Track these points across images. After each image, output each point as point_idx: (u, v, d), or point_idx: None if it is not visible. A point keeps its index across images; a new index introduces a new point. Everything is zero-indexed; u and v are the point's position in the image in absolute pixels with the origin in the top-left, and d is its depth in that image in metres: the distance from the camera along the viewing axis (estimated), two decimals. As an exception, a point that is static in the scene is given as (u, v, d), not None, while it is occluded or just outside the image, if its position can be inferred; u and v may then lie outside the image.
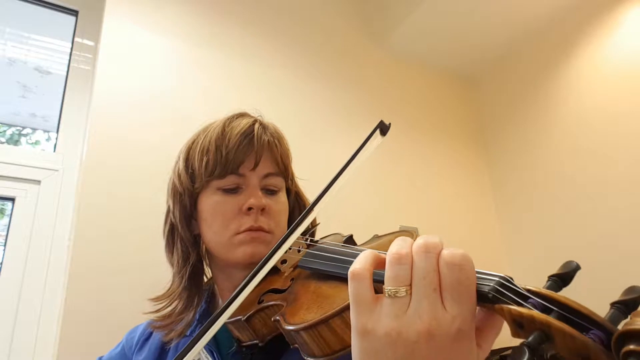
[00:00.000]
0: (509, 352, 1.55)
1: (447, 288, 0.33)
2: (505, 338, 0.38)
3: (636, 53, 1.72)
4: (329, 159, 1.71)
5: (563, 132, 1.94)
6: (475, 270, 0.35)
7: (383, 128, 0.60)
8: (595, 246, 1.75)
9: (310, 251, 0.60)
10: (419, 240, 0.36)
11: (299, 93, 1.78)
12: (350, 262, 0.48)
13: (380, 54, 2.12)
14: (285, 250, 0.52)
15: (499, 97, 2.29)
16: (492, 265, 2.07)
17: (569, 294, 0.32)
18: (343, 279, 0.49)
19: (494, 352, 1.56)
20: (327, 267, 0.53)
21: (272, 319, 0.51)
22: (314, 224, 0.77)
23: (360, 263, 0.37)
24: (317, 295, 0.50)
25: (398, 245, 0.37)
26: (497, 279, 0.34)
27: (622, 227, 1.67)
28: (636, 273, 1.60)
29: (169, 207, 0.76)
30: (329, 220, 0.85)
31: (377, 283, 0.37)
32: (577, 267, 0.34)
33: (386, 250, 0.49)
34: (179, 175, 0.72)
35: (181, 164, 0.73)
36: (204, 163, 0.68)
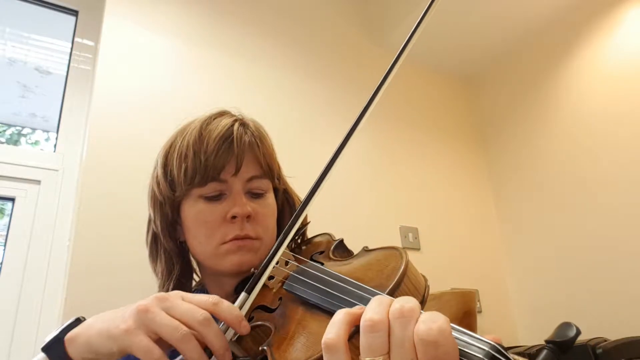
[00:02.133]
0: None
1: None
2: (502, 338, 0.37)
3: (636, 53, 1.72)
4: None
5: (563, 132, 1.94)
6: (464, 332, 0.33)
7: None
8: (595, 246, 1.75)
9: (295, 275, 0.58)
10: (395, 305, 0.33)
11: (299, 92, 1.78)
12: (336, 297, 0.46)
13: (380, 53, 2.12)
14: (273, 265, 0.51)
15: (499, 97, 2.29)
16: (492, 265, 2.07)
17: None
18: (328, 313, 0.47)
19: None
20: (313, 298, 0.51)
21: (260, 348, 0.51)
22: (304, 223, 0.73)
23: (335, 332, 0.34)
24: (303, 328, 0.49)
25: (372, 311, 0.34)
26: (486, 349, 0.30)
27: (622, 226, 1.67)
28: (637, 273, 1.60)
29: (150, 215, 0.72)
30: (327, 221, 0.85)
31: (357, 346, 0.34)
32: (577, 333, 0.31)
33: (371, 275, 0.45)
34: (158, 183, 0.69)
35: (159, 171, 0.69)
36: (182, 170, 0.64)
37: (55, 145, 1.41)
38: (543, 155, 2.02)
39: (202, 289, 0.78)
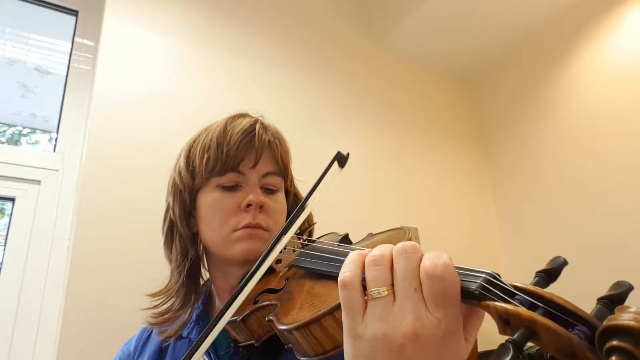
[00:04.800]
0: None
1: (430, 297, 0.33)
2: (505, 337, 0.38)
3: (636, 53, 1.72)
4: (329, 159, 1.71)
5: (563, 132, 1.94)
6: (462, 267, 0.35)
7: (341, 159, 0.61)
8: (595, 246, 1.75)
9: (304, 251, 0.61)
10: (398, 244, 0.36)
11: (299, 93, 1.78)
12: (342, 261, 0.49)
13: (380, 53, 2.12)
14: (280, 250, 0.52)
15: (499, 97, 2.29)
16: (492, 265, 2.06)
17: (566, 292, 0.32)
18: (335, 278, 0.49)
19: (488, 353, 1.55)
20: (319, 267, 0.53)
21: (266, 319, 0.51)
22: (310, 223, 0.77)
23: (349, 270, 0.37)
24: (310, 295, 0.50)
25: (375, 249, 0.37)
26: (483, 275, 0.34)
27: (622, 226, 1.67)
28: (637, 273, 1.60)
29: (168, 203, 0.76)
30: (328, 220, 0.85)
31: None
32: (564, 263, 0.34)
33: None
34: (180, 172, 0.73)
35: (182, 161, 0.73)
36: (204, 160, 0.69)
37: (55, 145, 1.41)
38: (543, 155, 2.02)
39: (206, 290, 0.79)
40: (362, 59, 2.05)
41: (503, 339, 0.35)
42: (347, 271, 0.37)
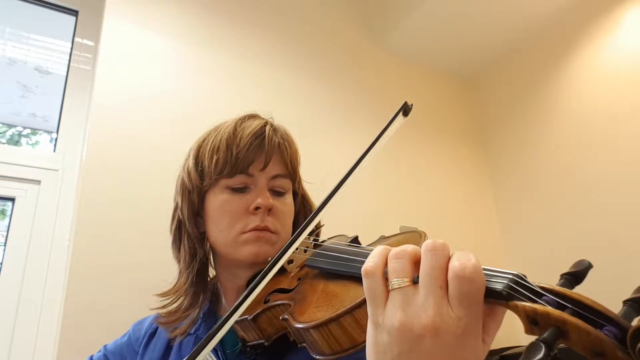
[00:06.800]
0: (508, 352, 1.54)
1: (456, 296, 0.34)
2: (502, 338, 0.38)
3: (636, 53, 1.72)
4: (328, 159, 1.71)
5: (563, 132, 1.94)
6: (488, 268, 0.36)
7: (406, 109, 0.61)
8: (595, 246, 1.75)
9: (317, 251, 0.61)
10: (428, 241, 0.37)
11: (299, 93, 1.78)
12: (358, 261, 0.49)
13: (380, 54, 2.12)
14: (293, 250, 0.53)
15: (499, 97, 2.29)
16: (492, 265, 2.06)
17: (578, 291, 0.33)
18: (352, 278, 0.49)
19: (493, 352, 1.56)
20: (335, 267, 0.53)
21: (280, 318, 0.51)
22: (318, 226, 0.77)
23: (373, 260, 0.38)
24: (326, 294, 0.50)
25: (403, 245, 0.39)
26: (511, 276, 0.35)
27: (622, 226, 1.67)
28: (637, 272, 1.60)
29: (177, 203, 0.76)
30: (330, 220, 0.85)
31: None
32: (590, 266, 0.35)
33: None
34: (189, 173, 0.73)
35: (191, 161, 0.73)
36: (214, 161, 0.69)
37: (55, 145, 1.41)
38: (543, 155, 2.02)
39: (213, 288, 0.79)
40: (362, 59, 2.05)
41: (506, 338, 0.35)
42: (371, 261, 0.38)
